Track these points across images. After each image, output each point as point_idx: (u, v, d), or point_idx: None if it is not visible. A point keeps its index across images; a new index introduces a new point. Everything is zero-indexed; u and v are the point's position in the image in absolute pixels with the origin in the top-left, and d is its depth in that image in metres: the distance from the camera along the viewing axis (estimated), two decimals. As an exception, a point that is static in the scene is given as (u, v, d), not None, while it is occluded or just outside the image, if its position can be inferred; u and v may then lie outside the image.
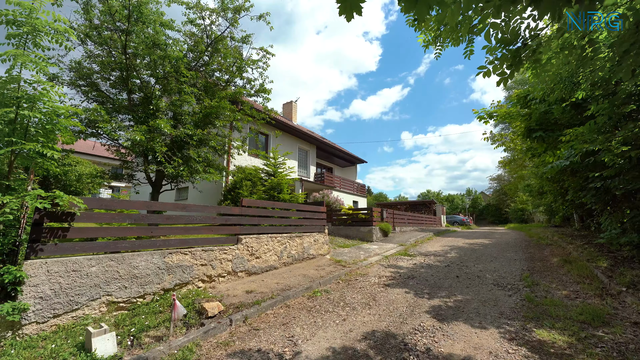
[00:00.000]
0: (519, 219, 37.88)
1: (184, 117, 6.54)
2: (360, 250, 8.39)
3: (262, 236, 5.76)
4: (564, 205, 9.11)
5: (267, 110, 9.25)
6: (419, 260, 7.42)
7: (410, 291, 4.77)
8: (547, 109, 5.20)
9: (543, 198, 16.61)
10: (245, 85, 8.66)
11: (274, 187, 7.36)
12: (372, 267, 6.59)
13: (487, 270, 6.07)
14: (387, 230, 11.21)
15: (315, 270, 5.95)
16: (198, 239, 4.67)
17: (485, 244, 10.24)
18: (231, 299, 4.14)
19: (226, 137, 8.18)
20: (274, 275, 5.51)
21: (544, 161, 6.02)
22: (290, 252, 6.42)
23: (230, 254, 5.07)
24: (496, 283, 5.14)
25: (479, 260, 7.22)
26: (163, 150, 5.58)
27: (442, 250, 9.09)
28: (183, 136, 6.08)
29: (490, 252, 8.29)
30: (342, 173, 24.07)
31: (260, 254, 5.66)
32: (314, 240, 7.21)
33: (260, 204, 6.01)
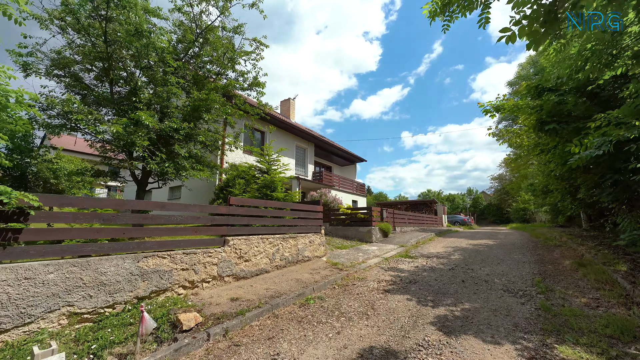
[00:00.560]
0: (520, 219, 37.48)
1: (170, 110, 6.11)
2: (359, 252, 7.96)
3: (252, 237, 5.33)
4: (572, 205, 8.68)
5: (262, 105, 8.83)
6: (421, 262, 6.99)
7: (412, 298, 4.34)
8: (561, 99, 4.77)
9: (547, 197, 16.17)
10: (237, 78, 8.23)
11: (267, 185, 6.94)
12: (371, 271, 6.16)
13: (495, 274, 5.64)
14: (387, 231, 10.78)
15: (309, 274, 5.52)
16: (179, 241, 4.24)
17: (489, 245, 9.81)
18: (213, 308, 3.72)
19: (217, 133, 7.75)
20: (265, 279, 5.08)
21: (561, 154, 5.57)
22: (283, 255, 6.00)
23: (216, 257, 4.64)
24: (506, 289, 4.71)
25: (485, 262, 6.79)
26: (144, 144, 5.15)
27: (445, 251, 8.66)
28: (168, 130, 5.65)
29: (496, 254, 7.85)
30: (341, 172, 23.65)
31: (249, 257, 5.23)
32: (309, 241, 6.78)
33: (251, 203, 5.59)
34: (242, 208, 5.41)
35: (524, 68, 19.45)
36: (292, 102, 19.80)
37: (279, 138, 14.95)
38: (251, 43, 8.12)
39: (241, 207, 5.45)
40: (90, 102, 6.78)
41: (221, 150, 11.01)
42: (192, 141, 6.42)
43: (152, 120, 5.11)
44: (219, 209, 4.94)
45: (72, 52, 6.58)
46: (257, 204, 5.80)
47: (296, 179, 13.26)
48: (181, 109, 6.45)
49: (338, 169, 23.53)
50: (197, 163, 7.25)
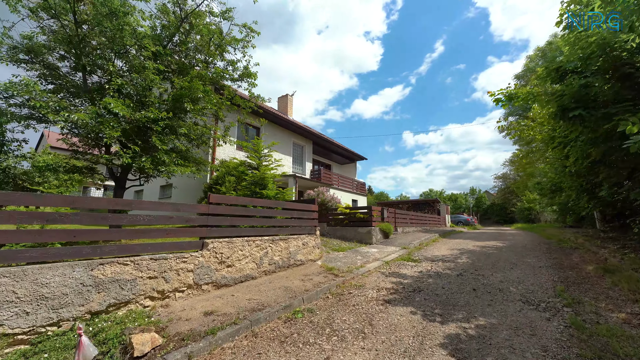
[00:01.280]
0: (525, 219, 36.70)
1: (149, 99, 5.54)
2: (358, 255, 7.36)
3: (235, 240, 4.75)
4: (588, 204, 8.06)
5: (253, 96, 8.24)
6: (425, 266, 6.38)
7: (417, 311, 3.74)
8: (587, 81, 4.15)
9: (556, 196, 15.49)
10: (227, 68, 7.65)
11: (257, 183, 6.35)
12: (370, 276, 5.56)
13: (510, 281, 5.02)
14: (388, 232, 10.17)
15: (300, 280, 4.93)
16: (146, 245, 3.66)
17: (498, 247, 9.17)
18: (181, 324, 3.13)
19: (206, 127, 7.17)
20: (249, 288, 4.50)
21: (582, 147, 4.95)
22: (272, 259, 5.41)
23: (192, 262, 4.06)
24: (525, 300, 4.09)
25: (496, 267, 6.17)
26: (114, 135, 4.58)
27: (451, 254, 8.04)
28: (144, 120, 5.08)
29: (507, 257, 7.22)
30: (341, 170, 23.05)
31: (233, 262, 4.65)
32: (302, 243, 6.19)
33: (235, 201, 5.01)
34: (224, 207, 4.83)
35: (532, 60, 18.74)
36: (289, 98, 19.20)
37: (276, 135, 14.37)
38: (241, 30, 7.54)
39: (223, 205, 4.87)
40: (66, 92, 6.22)
41: (212, 146, 10.47)
42: (174, 134, 5.85)
43: (123, 108, 4.54)
44: (197, 208, 4.36)
45: (47, 38, 6.03)
46: (243, 202, 5.22)
47: (292, 177, 12.67)
48: (162, 99, 5.87)
49: (337, 167, 22.92)
50: (182, 158, 6.68)
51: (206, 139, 7.13)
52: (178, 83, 5.61)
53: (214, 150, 10.30)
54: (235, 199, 5.08)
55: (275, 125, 14.52)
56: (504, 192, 45.65)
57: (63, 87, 6.15)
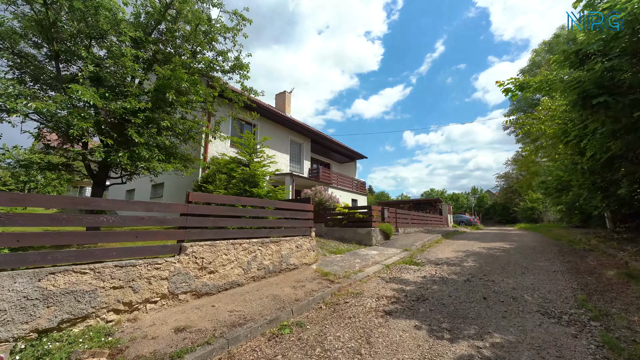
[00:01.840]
0: (528, 219, 36.21)
1: (128, 89, 5.07)
2: (356, 258, 6.88)
3: (219, 243, 4.28)
4: (602, 202, 7.58)
5: (246, 89, 7.77)
6: (429, 271, 5.90)
7: (421, 325, 3.26)
8: (612, 64, 3.68)
9: (562, 195, 14.98)
10: (216, 58, 7.18)
11: (247, 180, 5.89)
12: (369, 282, 5.08)
13: (524, 288, 4.54)
14: (388, 232, 9.69)
15: (292, 288, 4.46)
16: (109, 250, 3.19)
17: (505, 249, 8.68)
18: (144, 344, 2.66)
19: (194, 122, 6.70)
20: (233, 297, 4.02)
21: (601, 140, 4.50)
22: (262, 263, 4.94)
23: (167, 269, 3.59)
24: (544, 311, 3.61)
25: (506, 271, 5.68)
26: (83, 126, 4.12)
27: (456, 257, 7.55)
28: (121, 112, 4.62)
29: (516, 260, 6.74)
30: (341, 169, 22.58)
31: (216, 267, 4.18)
32: (296, 246, 5.72)
33: (220, 200, 4.54)
34: (208, 207, 4.36)
35: (538, 54, 18.21)
36: (287, 95, 18.72)
37: (272, 132, 13.90)
38: (231, 17, 7.07)
39: (207, 205, 4.41)
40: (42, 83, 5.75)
41: (205, 143, 10.00)
42: (156, 127, 5.39)
43: (93, 97, 4.07)
44: (174, 208, 3.88)
45: (21, 25, 5.57)
46: (229, 202, 4.75)
47: (289, 176, 12.20)
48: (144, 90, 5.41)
49: (337, 166, 22.45)
50: (167, 155, 6.21)
51: (194, 134, 6.67)
52: (160, 72, 5.14)
53: (206, 147, 9.84)
54: (220, 198, 4.61)
55: (272, 122, 14.05)
56: (506, 192, 45.12)
57: (36, 77, 5.68)
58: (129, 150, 4.88)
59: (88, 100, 4.05)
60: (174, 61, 5.43)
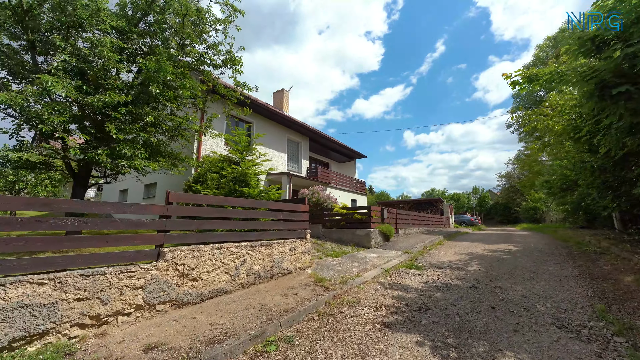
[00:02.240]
0: (530, 219, 35.82)
1: (109, 82, 4.73)
2: (354, 261, 6.54)
3: (203, 247, 3.94)
4: (614, 202, 7.21)
5: (239, 85, 7.43)
6: (432, 275, 5.54)
7: (424, 340, 2.91)
8: (635, 50, 3.32)
9: (567, 195, 14.60)
10: (207, 51, 6.84)
11: (237, 179, 5.55)
12: (366, 289, 4.73)
13: (535, 296, 4.18)
14: (388, 234, 9.34)
15: (282, 296, 4.11)
16: (73, 257, 2.85)
17: (511, 251, 8.32)
18: (105, 367, 2.32)
19: (183, 118, 6.36)
20: (218, 306, 3.68)
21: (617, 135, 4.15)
22: (252, 268, 4.59)
23: (142, 277, 3.25)
24: (560, 323, 3.25)
25: (514, 277, 5.33)
26: (55, 120, 3.78)
27: (459, 260, 7.20)
28: (100, 105, 4.28)
29: (524, 264, 6.38)
30: (340, 169, 22.23)
31: (199, 274, 3.84)
32: (289, 249, 5.37)
33: (205, 201, 4.19)
34: (190, 208, 4.03)
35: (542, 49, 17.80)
36: (285, 93, 18.37)
37: (269, 130, 13.56)
38: (222, 8, 6.72)
39: (185, 206, 4.07)
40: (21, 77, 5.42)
41: (198, 141, 9.68)
42: (140, 123, 5.05)
43: (67, 89, 3.74)
44: (150, 209, 3.54)
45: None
46: (216, 202, 4.41)
47: (286, 175, 11.85)
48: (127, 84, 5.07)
49: (336, 165, 22.10)
50: (154, 152, 5.87)
51: (183, 131, 6.33)
52: (143, 64, 4.80)
53: (199, 145, 9.50)
54: (206, 198, 4.27)
55: (269, 120, 13.71)
56: (508, 192, 44.71)
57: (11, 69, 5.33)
58: (110, 147, 4.55)
59: (60, 93, 3.72)
60: (159, 52, 5.08)
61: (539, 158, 26.54)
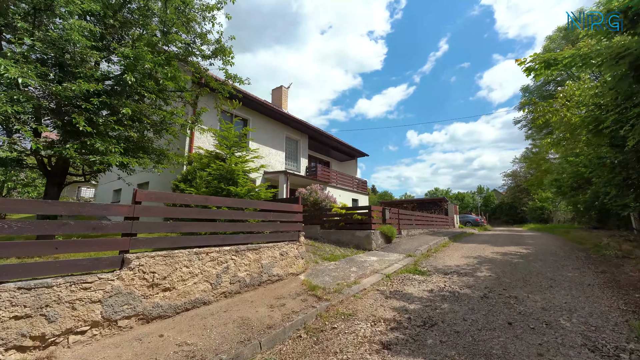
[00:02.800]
0: (537, 219, 34.99)
1: (81, 70, 4.29)
2: (352, 265, 6.04)
3: (178, 252, 3.48)
4: (636, 201, 6.64)
5: (230, 76, 6.98)
6: (437, 282, 5.03)
7: (431, 367, 2.42)
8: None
9: (579, 193, 13.95)
10: (195, 41, 6.39)
11: (223, 177, 5.09)
12: (365, 298, 4.24)
13: (556, 308, 3.66)
14: (390, 235, 8.83)
15: (268, 307, 3.64)
16: (13, 267, 2.40)
17: (523, 255, 7.76)
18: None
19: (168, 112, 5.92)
20: (193, 321, 3.22)
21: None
22: (236, 275, 4.13)
23: (100, 288, 2.80)
24: (592, 344, 2.73)
25: (530, 284, 4.80)
26: (8, 110, 3.35)
27: (467, 264, 6.67)
28: (68, 95, 3.84)
29: (539, 270, 5.84)
30: (341, 168, 21.74)
31: (173, 283, 3.38)
32: (280, 254, 4.90)
33: (179, 200, 3.74)
34: (158, 208, 3.57)
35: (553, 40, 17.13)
36: (284, 90, 17.91)
37: (266, 128, 13.11)
38: (211, -6, 6.26)
39: (156, 206, 3.62)
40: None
41: (190, 136, 9.26)
42: (116, 115, 4.61)
43: (24, 73, 3.32)
44: (115, 210, 3.09)
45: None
46: (196, 202, 3.95)
47: (283, 174, 11.39)
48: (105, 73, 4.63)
49: (337, 164, 21.60)
50: (137, 148, 5.44)
51: (168, 126, 5.89)
52: (119, 51, 4.36)
53: (192, 141, 9.09)
54: (183, 197, 3.81)
55: (266, 117, 13.26)
56: (513, 191, 43.83)
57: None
58: (80, 141, 4.13)
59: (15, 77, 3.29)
60: (140, 37, 4.62)
61: (547, 156, 25.79)
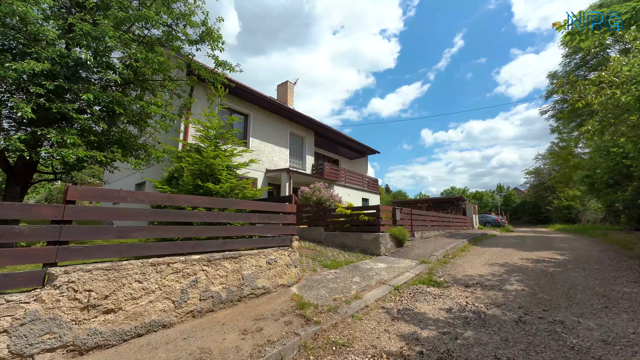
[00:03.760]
0: (564, 219, 32.62)
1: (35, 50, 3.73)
2: (355, 274, 5.22)
3: (127, 264, 2.80)
4: None
5: (220, 63, 6.33)
6: (457, 298, 4.13)
7: None
8: None
9: (618, 191, 12.42)
10: (177, 22, 5.77)
11: (202, 173, 4.41)
12: (365, 320, 3.41)
13: (622, 341, 2.70)
14: (401, 238, 7.91)
15: (240, 333, 2.89)
16: None
17: (558, 262, 6.66)
18: None
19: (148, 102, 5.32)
20: (141, 352, 2.52)
21: None
22: (208, 290, 3.42)
23: (8, 314, 2.15)
24: None
25: (576, 302, 3.81)
26: None
27: (492, 273, 5.68)
28: (12, 76, 3.27)
29: (584, 283, 4.79)
30: (351, 166, 20.85)
31: (119, 303, 2.70)
32: (267, 262, 4.15)
33: (130, 198, 3.06)
34: (96, 211, 2.91)
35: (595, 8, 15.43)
36: (289, 85, 17.22)
37: (268, 123, 12.46)
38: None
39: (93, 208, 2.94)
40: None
41: (185, 130, 8.72)
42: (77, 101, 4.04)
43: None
44: (37, 211, 2.44)
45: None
46: (150, 201, 3.27)
47: (286, 172, 10.69)
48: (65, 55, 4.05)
49: (346, 162, 20.71)
50: (111, 142, 4.86)
51: (147, 117, 5.30)
52: (77, 26, 3.77)
53: (186, 136, 8.53)
54: (134, 196, 3.14)
55: (269, 112, 12.60)
56: (536, 189, 41.26)
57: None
58: (31, 132, 3.57)
59: None
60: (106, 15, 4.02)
61: (575, 150, 23.76)
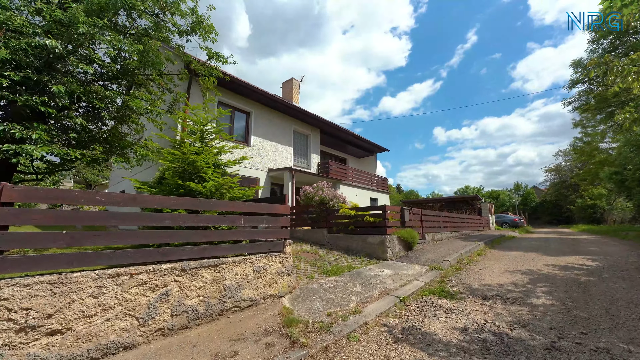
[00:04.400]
0: (588, 218, 30.72)
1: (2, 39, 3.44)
2: (357, 283, 4.69)
3: (78, 276, 2.40)
4: None
5: (213, 55, 5.96)
6: (473, 314, 3.53)
7: None
8: None
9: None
10: (164, 12, 5.41)
11: (185, 172, 4.02)
12: (363, 342, 2.89)
13: (702, 388, 2.06)
14: (410, 241, 7.30)
15: (212, 358, 2.43)
16: None
17: (591, 269, 5.89)
18: None
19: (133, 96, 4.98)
20: (82, 385, 2.10)
21: None
22: (181, 304, 2.98)
23: None
24: None
25: (621, 322, 3.15)
26: None
27: (514, 282, 5.01)
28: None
29: (626, 296, 4.08)
30: (359, 164, 20.23)
31: (67, 323, 2.31)
32: (254, 270, 3.69)
33: (83, 198, 2.67)
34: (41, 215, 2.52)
35: None
36: (294, 82, 16.79)
37: (271, 121, 12.06)
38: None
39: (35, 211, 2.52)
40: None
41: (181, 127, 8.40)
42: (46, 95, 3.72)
43: None
44: (-40, 215, 2.06)
45: None
46: (111, 202, 2.88)
47: (288, 171, 10.25)
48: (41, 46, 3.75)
49: (354, 161, 20.09)
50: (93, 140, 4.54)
51: (130, 112, 4.97)
52: (47, 13, 3.44)
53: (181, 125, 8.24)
54: (90, 197, 2.75)
55: (271, 110, 12.20)
56: (557, 187, 39.18)
57: None
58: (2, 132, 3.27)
59: None
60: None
61: (602, 145, 22.19)
